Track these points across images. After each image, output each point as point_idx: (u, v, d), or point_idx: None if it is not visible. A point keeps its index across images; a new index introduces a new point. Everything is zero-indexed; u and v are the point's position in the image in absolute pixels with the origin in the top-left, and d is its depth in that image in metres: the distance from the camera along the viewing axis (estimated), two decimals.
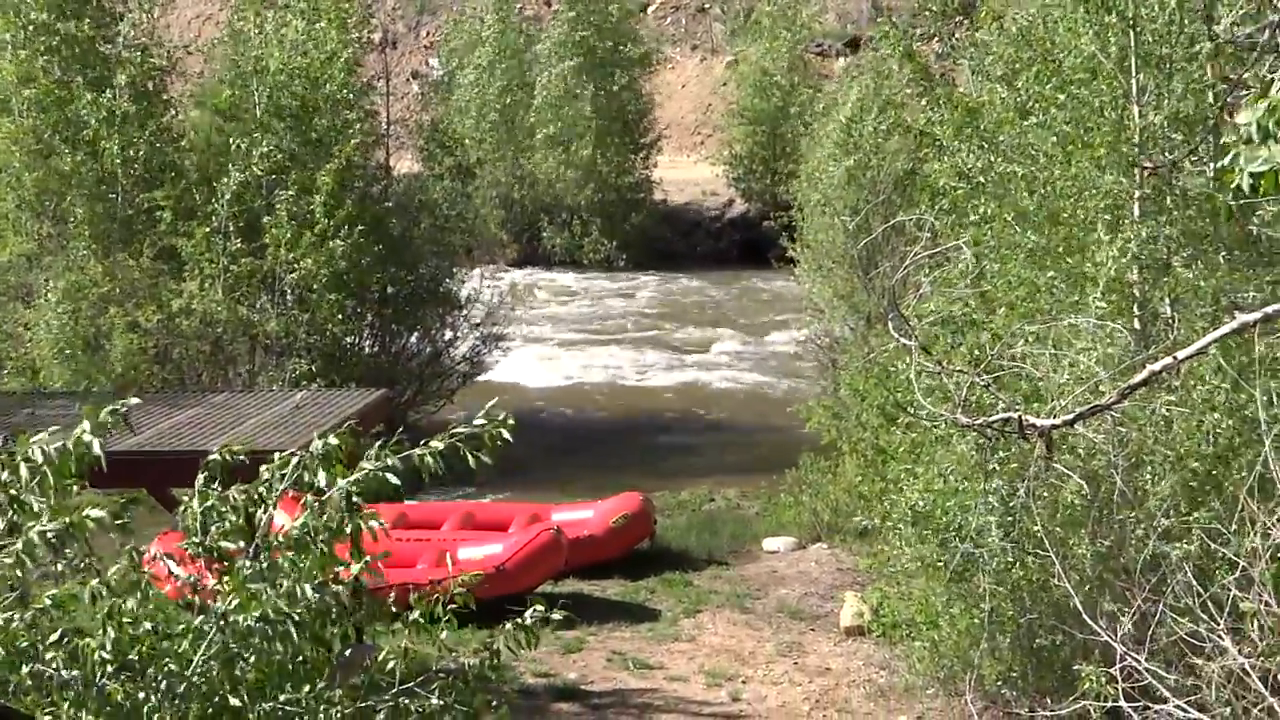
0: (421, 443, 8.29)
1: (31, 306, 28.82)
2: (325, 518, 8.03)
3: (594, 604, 22.30)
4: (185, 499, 8.13)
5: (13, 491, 7.52)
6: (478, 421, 8.34)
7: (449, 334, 34.09)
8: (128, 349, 27.33)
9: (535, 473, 30.52)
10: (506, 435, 8.25)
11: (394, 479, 8.16)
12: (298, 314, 29.29)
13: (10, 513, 7.53)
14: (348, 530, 8.13)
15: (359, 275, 30.43)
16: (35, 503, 7.46)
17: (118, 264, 28.45)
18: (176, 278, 28.75)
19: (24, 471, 7.47)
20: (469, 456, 8.24)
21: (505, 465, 31.24)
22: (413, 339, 33.60)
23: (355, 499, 8.11)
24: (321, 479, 8.04)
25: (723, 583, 23.47)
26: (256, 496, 8.15)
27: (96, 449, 7.55)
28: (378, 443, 8.27)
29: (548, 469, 31.30)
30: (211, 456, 8.26)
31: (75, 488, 7.63)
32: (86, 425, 7.62)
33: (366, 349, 32.39)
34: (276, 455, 8.27)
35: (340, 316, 29.78)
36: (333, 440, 8.16)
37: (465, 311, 34.19)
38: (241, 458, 8.30)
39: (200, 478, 8.18)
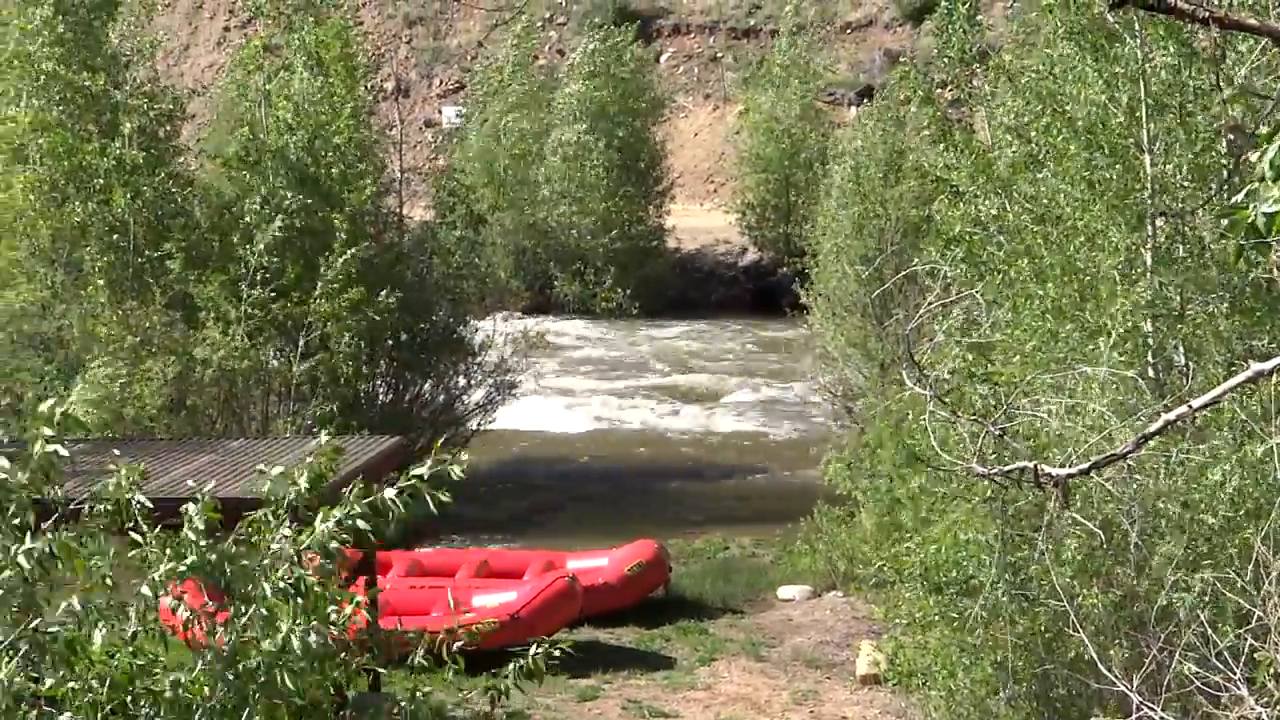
0: (384, 480, 8.38)
1: (45, 356, 28.77)
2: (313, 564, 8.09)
3: (609, 652, 22.29)
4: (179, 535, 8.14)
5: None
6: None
7: (462, 381, 34.10)
8: (153, 396, 27.32)
9: (549, 520, 30.55)
10: (459, 472, 8.31)
11: (363, 524, 8.20)
12: (316, 360, 29.31)
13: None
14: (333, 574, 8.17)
15: (371, 322, 30.50)
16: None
17: (131, 312, 28.48)
18: (190, 324, 28.77)
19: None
20: (430, 499, 8.29)
21: (519, 513, 31.16)
22: (426, 386, 33.62)
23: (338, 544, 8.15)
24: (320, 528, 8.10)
25: (738, 631, 23.45)
26: (252, 536, 8.21)
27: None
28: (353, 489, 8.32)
29: (562, 517, 31.31)
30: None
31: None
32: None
33: (380, 396, 32.43)
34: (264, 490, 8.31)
35: (356, 363, 29.78)
36: (316, 470, 8.22)
37: (478, 359, 34.20)
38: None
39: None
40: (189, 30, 79.54)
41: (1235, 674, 9.27)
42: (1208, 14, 6.98)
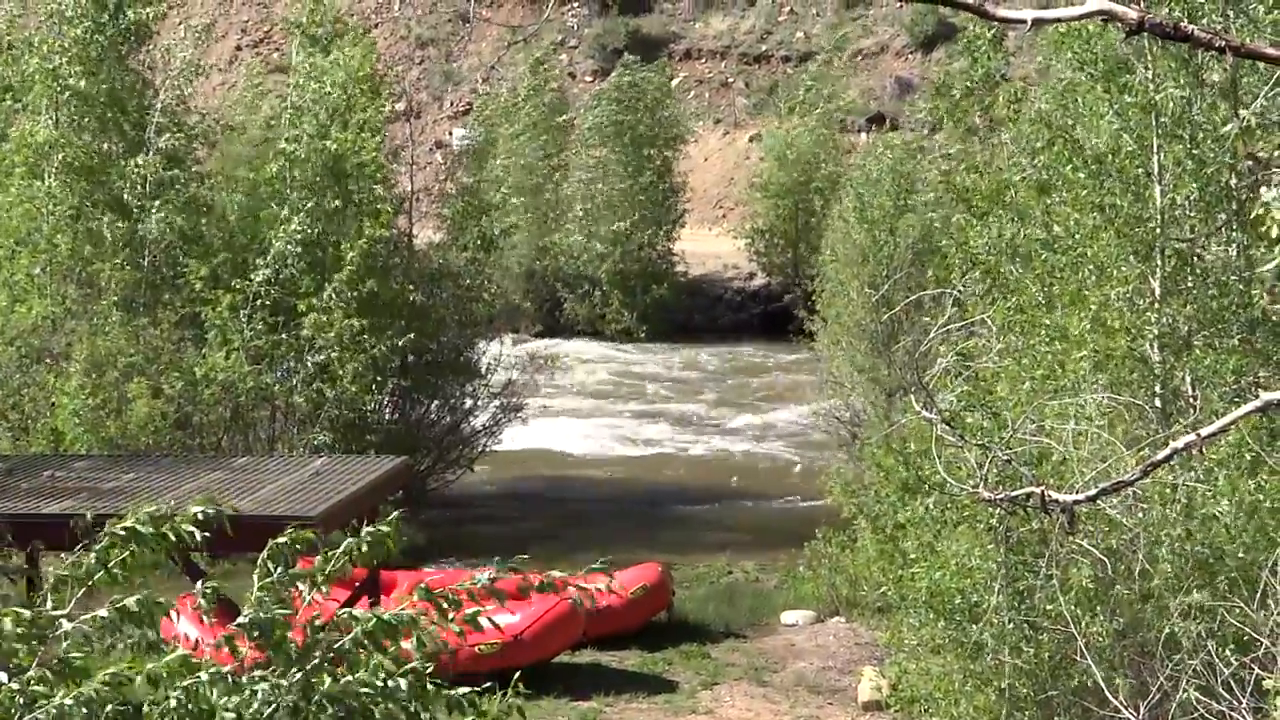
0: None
1: (54, 370, 28.81)
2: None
3: (611, 675, 22.25)
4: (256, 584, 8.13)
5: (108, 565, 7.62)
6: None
7: (469, 403, 34.07)
8: (149, 415, 27.34)
9: (554, 542, 30.48)
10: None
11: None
12: (320, 385, 29.26)
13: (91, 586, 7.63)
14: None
15: (378, 343, 30.50)
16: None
17: (140, 329, 28.53)
18: (199, 344, 28.84)
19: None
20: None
21: (524, 534, 31.15)
22: (433, 407, 33.59)
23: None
24: None
25: (741, 655, 23.42)
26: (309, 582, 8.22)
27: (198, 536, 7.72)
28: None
29: (567, 538, 31.26)
30: (279, 539, 8.27)
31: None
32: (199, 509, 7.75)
33: (386, 416, 32.38)
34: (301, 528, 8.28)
35: (363, 385, 29.72)
36: (384, 529, 8.24)
37: (485, 380, 34.17)
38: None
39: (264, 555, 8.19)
40: (201, 49, 79.57)
41: (1241, 702, 9.26)
42: (1224, 43, 6.96)
